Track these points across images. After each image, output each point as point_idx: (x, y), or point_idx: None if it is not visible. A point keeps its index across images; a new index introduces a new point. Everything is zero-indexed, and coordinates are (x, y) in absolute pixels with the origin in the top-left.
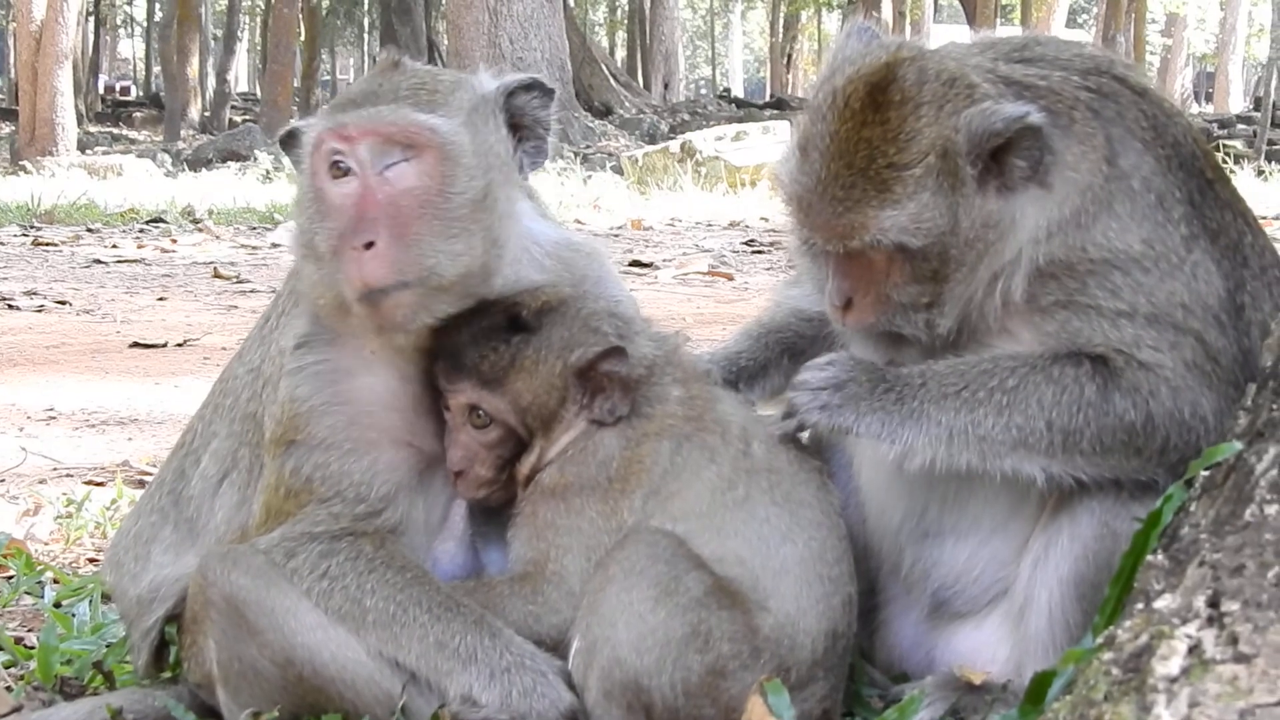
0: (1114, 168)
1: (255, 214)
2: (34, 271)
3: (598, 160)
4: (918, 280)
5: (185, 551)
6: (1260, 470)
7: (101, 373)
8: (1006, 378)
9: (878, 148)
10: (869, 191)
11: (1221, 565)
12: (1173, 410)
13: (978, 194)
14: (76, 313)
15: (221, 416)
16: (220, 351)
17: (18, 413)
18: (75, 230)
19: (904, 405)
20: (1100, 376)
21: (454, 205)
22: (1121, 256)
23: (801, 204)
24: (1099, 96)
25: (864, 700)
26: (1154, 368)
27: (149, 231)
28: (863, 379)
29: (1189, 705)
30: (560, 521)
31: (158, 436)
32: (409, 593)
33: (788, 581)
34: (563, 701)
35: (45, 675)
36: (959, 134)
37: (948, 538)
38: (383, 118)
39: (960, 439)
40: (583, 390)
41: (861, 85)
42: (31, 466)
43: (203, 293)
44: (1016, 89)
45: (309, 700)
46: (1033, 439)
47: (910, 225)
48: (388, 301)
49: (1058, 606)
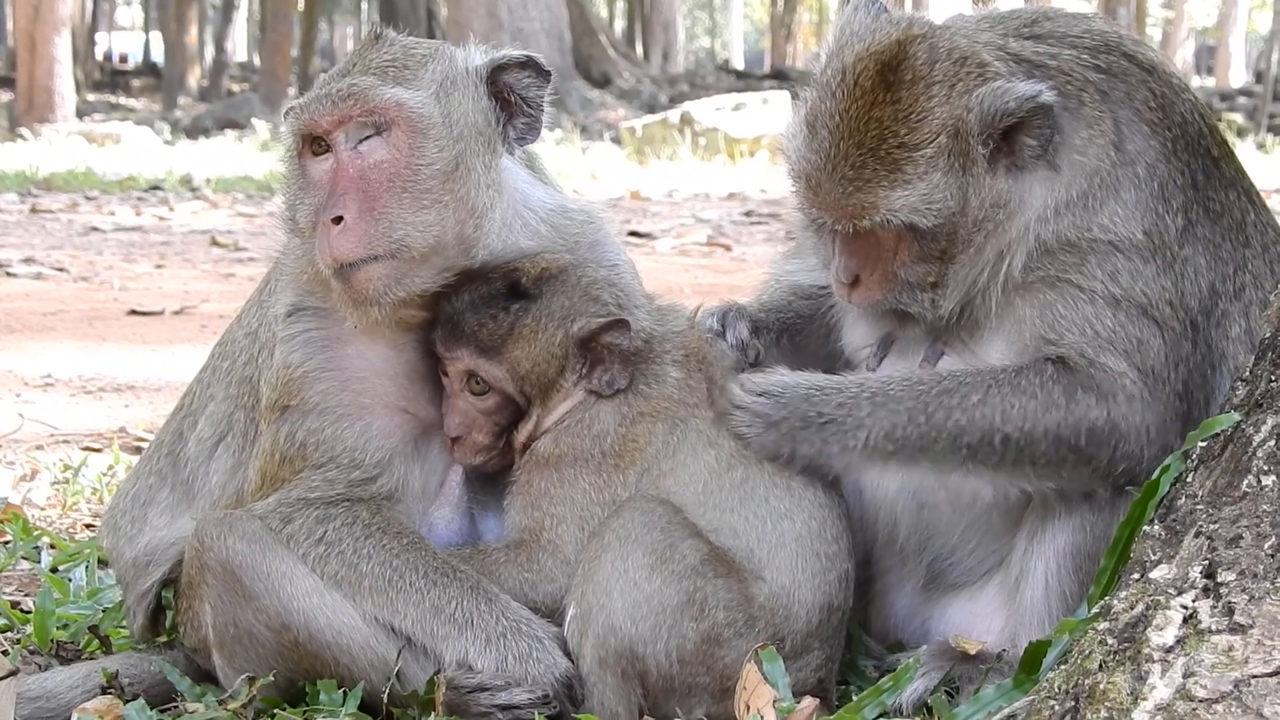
0: (1121, 153)
1: (253, 182)
2: (31, 239)
3: (596, 130)
4: (925, 259)
5: (181, 514)
6: (1258, 441)
7: (99, 339)
8: (969, 393)
9: (889, 127)
10: (879, 171)
11: (1218, 536)
12: (1131, 416)
13: (987, 173)
14: (74, 280)
15: (219, 380)
16: (217, 319)
17: (15, 379)
18: (73, 197)
19: (844, 437)
20: (1065, 375)
21: (423, 177)
22: (1126, 242)
23: (810, 182)
24: (1108, 76)
25: (859, 669)
26: (1117, 374)
27: (147, 199)
28: (799, 412)
29: (1184, 675)
30: (554, 491)
31: (154, 403)
32: (405, 558)
33: (784, 554)
34: (558, 667)
35: (41, 639)
36: (971, 114)
37: (944, 509)
38: (351, 91)
39: (902, 464)
40: (583, 360)
41: (872, 63)
42: (28, 432)
43: (200, 260)
44: (1027, 68)
45: (304, 665)
46: (984, 454)
47: (921, 205)
48: (358, 275)
49: (1053, 577)
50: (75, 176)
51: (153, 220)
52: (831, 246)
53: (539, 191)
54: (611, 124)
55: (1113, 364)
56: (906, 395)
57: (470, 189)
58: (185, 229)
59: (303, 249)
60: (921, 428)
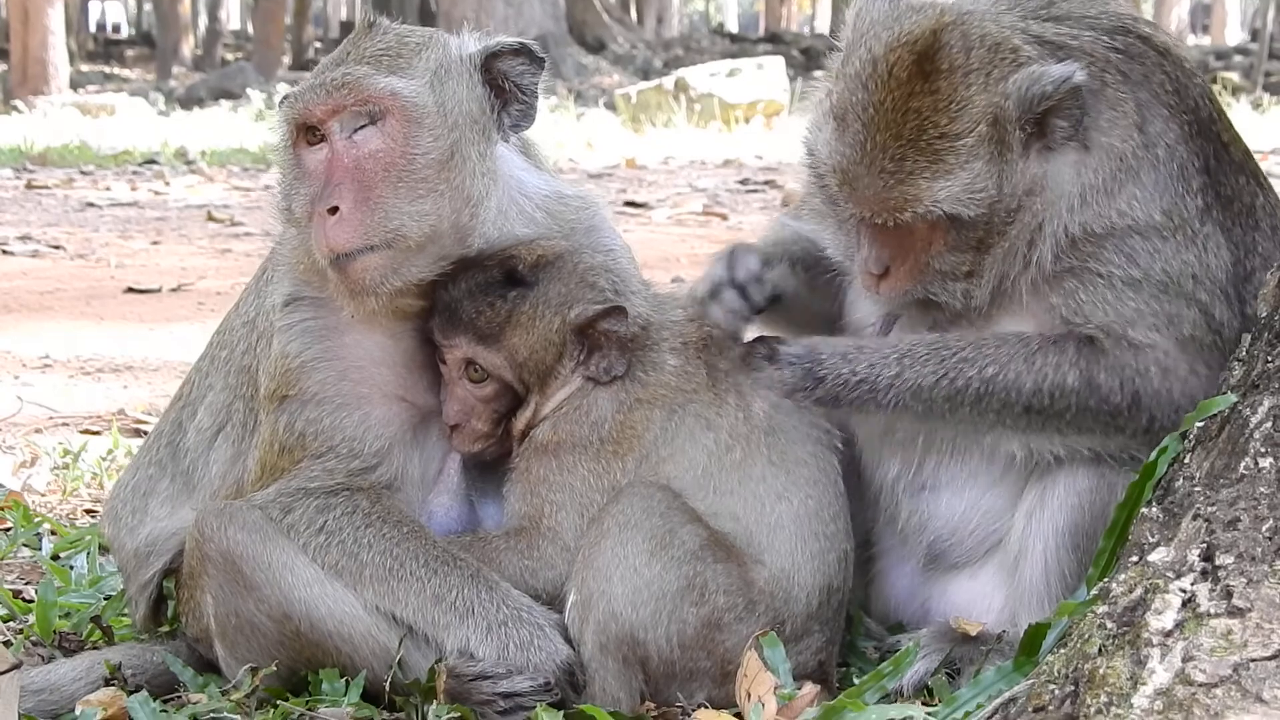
0: (1144, 134)
1: (248, 155)
2: (27, 215)
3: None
4: (960, 249)
5: (182, 505)
6: (1255, 423)
7: (96, 319)
8: (986, 365)
9: (928, 118)
10: (920, 163)
11: (1216, 519)
12: (1162, 390)
13: (1021, 158)
14: (70, 257)
15: (217, 369)
16: (214, 296)
17: (13, 360)
18: (68, 173)
19: (877, 395)
20: (1085, 360)
21: (418, 166)
22: (1143, 224)
23: (846, 176)
24: (1127, 58)
25: (860, 651)
26: (1147, 348)
27: (142, 174)
28: (839, 371)
29: (1183, 659)
30: (553, 478)
31: (153, 384)
32: (405, 547)
33: (783, 537)
34: (559, 654)
35: (44, 631)
36: (1009, 100)
37: (944, 491)
38: (345, 80)
39: (938, 421)
40: (580, 347)
41: (906, 53)
42: (27, 416)
43: (196, 236)
44: (1052, 49)
45: (306, 655)
46: (1010, 420)
47: (964, 195)
48: (355, 265)
49: (1053, 556)
50: (70, 151)
51: (148, 195)
52: (858, 237)
53: (534, 178)
54: (606, 89)
55: (1143, 338)
56: (931, 358)
57: (466, 177)
58: (181, 204)
59: (299, 238)
60: (945, 390)
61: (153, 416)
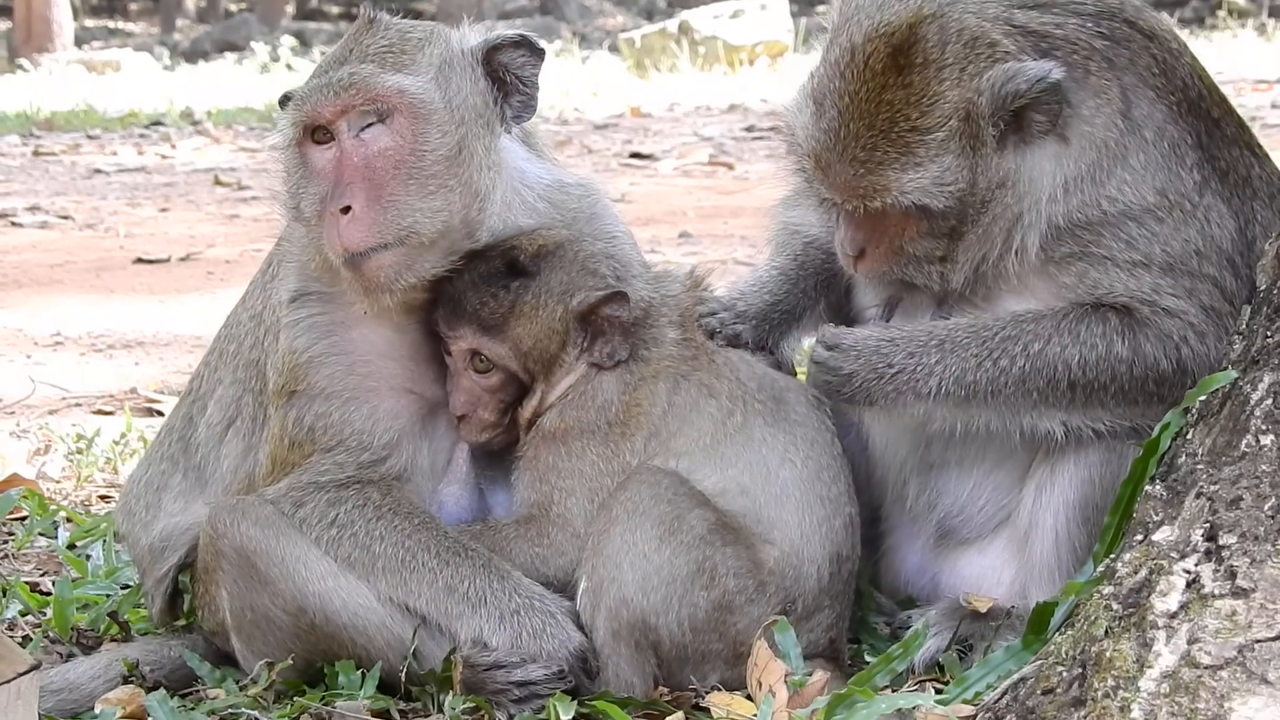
0: (1128, 120)
1: (254, 113)
2: (35, 184)
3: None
4: (933, 235)
5: (195, 500)
6: (1256, 399)
7: (107, 292)
8: (1031, 341)
9: (900, 111)
10: (890, 154)
11: (1219, 497)
12: (1203, 354)
13: (996, 152)
14: (79, 228)
15: (226, 363)
16: (224, 265)
17: (25, 339)
18: (75, 138)
19: (916, 385)
20: (1129, 329)
21: (428, 163)
22: (1136, 209)
23: (820, 162)
24: (1113, 44)
25: (870, 627)
26: (1180, 314)
27: (149, 136)
28: (873, 365)
29: (1188, 641)
30: (562, 465)
31: (164, 359)
32: (417, 538)
33: (790, 508)
34: (572, 641)
35: (62, 629)
36: (982, 96)
37: (952, 469)
38: (352, 80)
39: (979, 406)
40: (583, 334)
41: (882, 45)
42: (40, 397)
43: (204, 201)
44: (1034, 40)
45: (322, 647)
46: (1054, 398)
47: (932, 187)
48: (369, 264)
49: (1063, 530)
50: (76, 115)
51: (155, 159)
52: (836, 217)
53: (536, 168)
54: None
55: (1174, 305)
56: (972, 341)
57: (473, 172)
58: (188, 168)
59: (308, 236)
60: (989, 373)
61: (165, 395)
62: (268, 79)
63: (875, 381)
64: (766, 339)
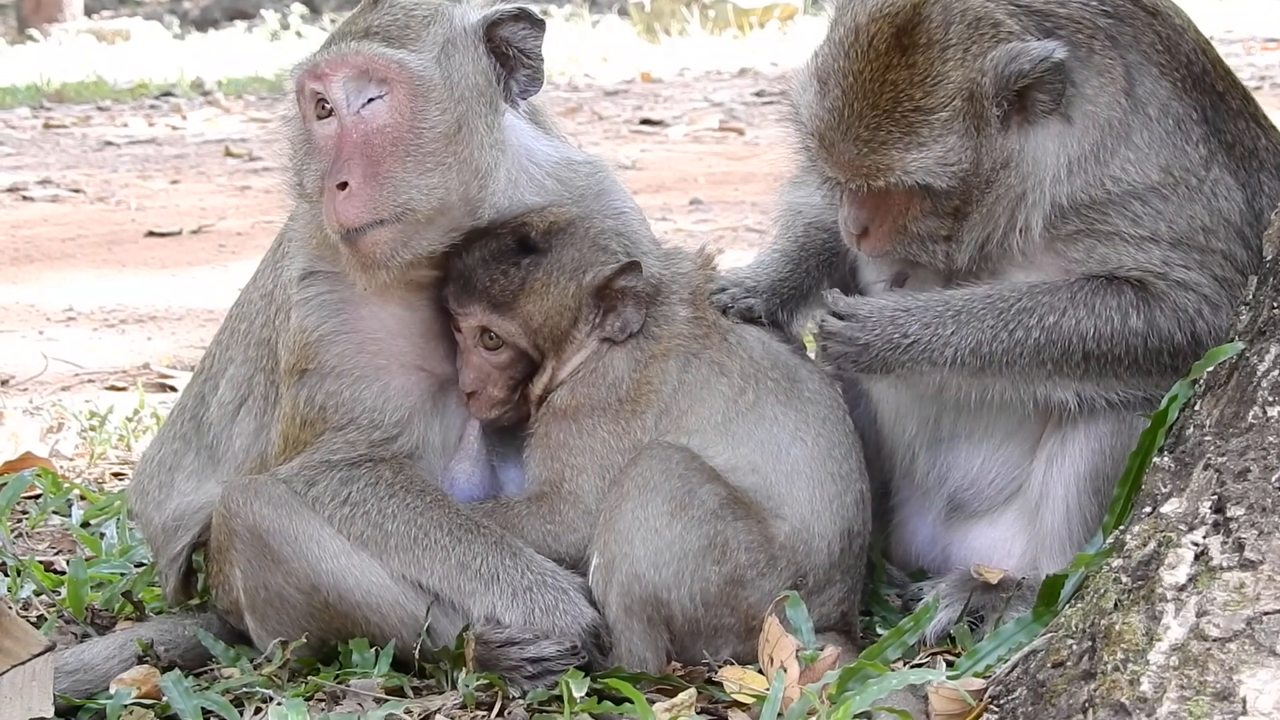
0: (1132, 98)
1: (264, 83)
2: (46, 157)
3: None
4: (937, 215)
5: (207, 479)
6: (1262, 371)
7: (119, 265)
8: (1046, 313)
9: (904, 91)
10: (894, 134)
11: (1226, 469)
12: (1218, 327)
13: (1000, 132)
14: (90, 201)
15: (237, 342)
16: (235, 237)
17: (37, 314)
18: (85, 110)
19: (932, 355)
20: (1144, 302)
21: (426, 140)
22: (1140, 187)
23: (824, 141)
24: (1116, 21)
25: (882, 599)
26: (1194, 286)
27: (159, 107)
28: (888, 336)
29: (1197, 614)
30: (573, 442)
31: (176, 334)
32: (429, 516)
33: (800, 484)
34: (584, 617)
35: (76, 608)
36: (986, 77)
37: (962, 443)
38: (353, 54)
39: (994, 375)
40: (596, 309)
41: (886, 25)
42: (53, 373)
43: (215, 173)
44: (1038, 19)
45: (335, 625)
46: (1069, 369)
47: (936, 167)
48: (365, 240)
49: (1074, 501)
50: (86, 87)
51: (166, 131)
52: (840, 196)
53: (543, 145)
54: None
55: (1187, 278)
56: (988, 312)
57: (473, 150)
58: (199, 139)
59: (311, 213)
60: (1005, 344)
61: (177, 369)
62: (278, 46)
63: (891, 352)
64: (778, 312)
